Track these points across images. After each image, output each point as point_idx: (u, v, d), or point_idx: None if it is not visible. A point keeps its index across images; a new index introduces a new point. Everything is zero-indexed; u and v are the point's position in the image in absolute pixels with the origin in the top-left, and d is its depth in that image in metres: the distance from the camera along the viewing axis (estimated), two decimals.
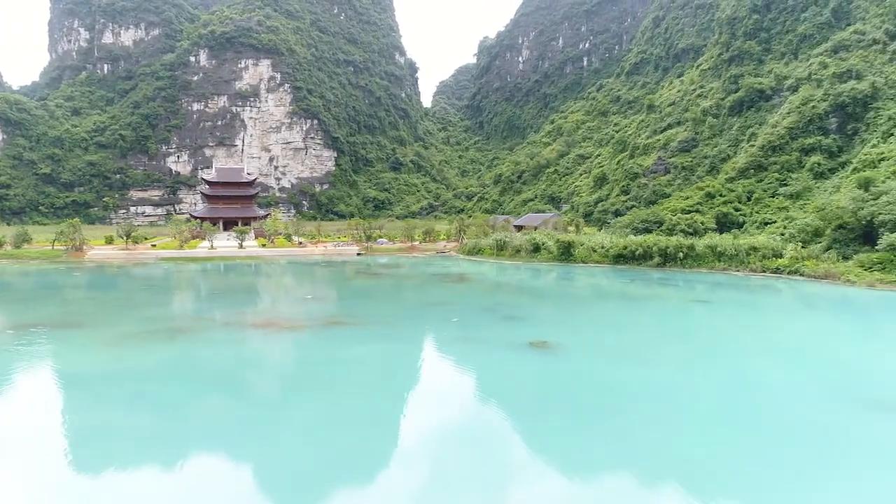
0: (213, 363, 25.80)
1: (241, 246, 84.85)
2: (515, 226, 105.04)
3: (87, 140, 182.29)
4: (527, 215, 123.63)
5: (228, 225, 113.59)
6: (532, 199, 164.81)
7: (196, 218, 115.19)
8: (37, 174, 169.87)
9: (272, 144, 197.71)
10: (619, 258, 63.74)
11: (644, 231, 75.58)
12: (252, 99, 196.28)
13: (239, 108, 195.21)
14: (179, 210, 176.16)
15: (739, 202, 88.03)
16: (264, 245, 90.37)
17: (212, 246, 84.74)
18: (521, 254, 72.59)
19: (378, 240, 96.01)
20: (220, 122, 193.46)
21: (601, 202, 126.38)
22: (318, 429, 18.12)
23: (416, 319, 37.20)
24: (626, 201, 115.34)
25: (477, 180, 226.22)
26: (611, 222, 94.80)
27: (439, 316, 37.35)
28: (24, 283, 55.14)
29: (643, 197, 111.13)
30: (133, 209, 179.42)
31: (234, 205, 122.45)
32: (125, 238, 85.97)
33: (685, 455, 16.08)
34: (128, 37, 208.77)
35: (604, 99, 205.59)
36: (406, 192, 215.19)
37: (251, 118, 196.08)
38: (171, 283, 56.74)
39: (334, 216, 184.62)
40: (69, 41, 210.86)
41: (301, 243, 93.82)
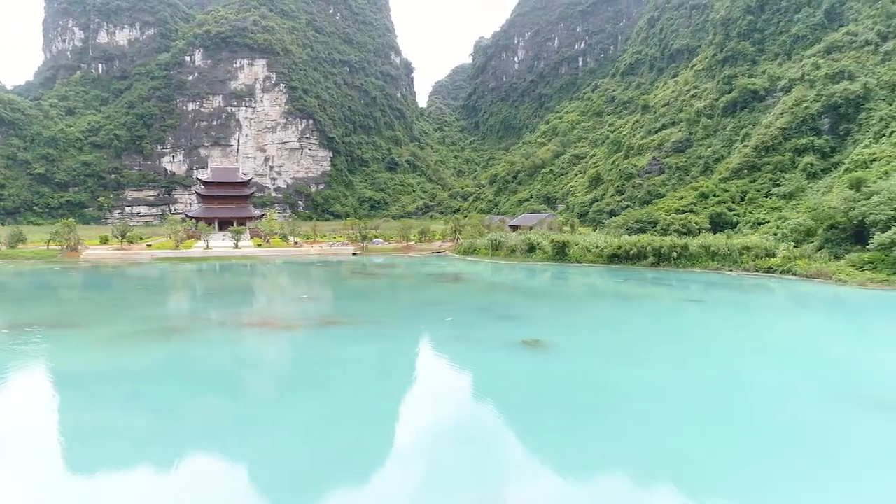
0: (208, 363, 25.85)
1: (237, 246, 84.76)
2: (511, 226, 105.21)
3: (82, 140, 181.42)
4: (522, 215, 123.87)
5: (224, 225, 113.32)
6: (527, 200, 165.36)
7: (191, 218, 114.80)
8: (31, 174, 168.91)
9: (268, 144, 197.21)
10: (614, 258, 64.08)
11: (638, 231, 75.98)
12: (247, 99, 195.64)
13: (234, 108, 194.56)
14: (175, 210, 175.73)
15: (733, 202, 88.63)
16: (260, 245, 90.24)
17: (207, 246, 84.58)
18: (516, 254, 72.80)
19: (374, 240, 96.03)
20: (215, 122, 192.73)
21: (596, 202, 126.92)
22: (314, 428, 18.20)
23: (411, 319, 37.33)
24: (620, 201, 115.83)
25: (472, 180, 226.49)
26: (605, 222, 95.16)
27: (434, 315, 37.53)
28: (19, 283, 54.96)
29: (638, 197, 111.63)
30: (128, 209, 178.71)
31: (230, 205, 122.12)
32: (120, 238, 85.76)
33: (678, 454, 16.24)
34: (123, 36, 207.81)
35: (599, 99, 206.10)
36: (402, 192, 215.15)
37: (246, 118, 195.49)
38: (166, 283, 56.65)
39: (330, 216, 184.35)
40: (64, 41, 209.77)
41: (297, 243, 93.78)
